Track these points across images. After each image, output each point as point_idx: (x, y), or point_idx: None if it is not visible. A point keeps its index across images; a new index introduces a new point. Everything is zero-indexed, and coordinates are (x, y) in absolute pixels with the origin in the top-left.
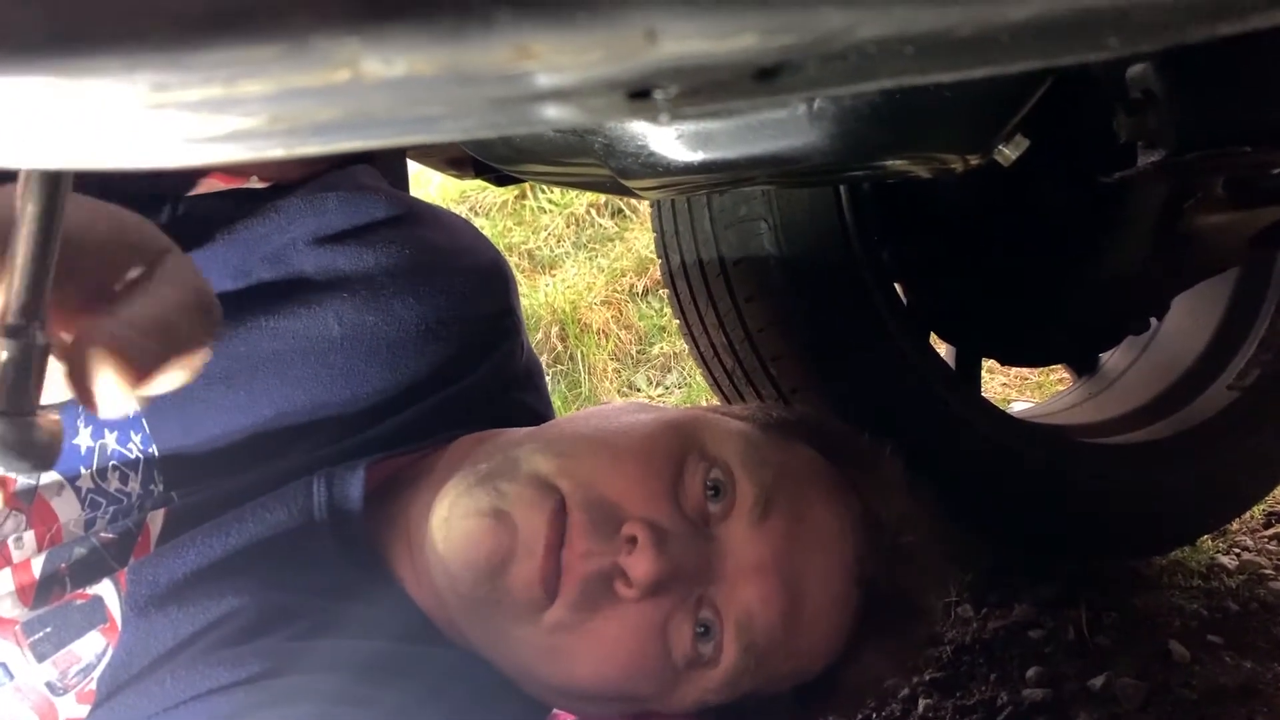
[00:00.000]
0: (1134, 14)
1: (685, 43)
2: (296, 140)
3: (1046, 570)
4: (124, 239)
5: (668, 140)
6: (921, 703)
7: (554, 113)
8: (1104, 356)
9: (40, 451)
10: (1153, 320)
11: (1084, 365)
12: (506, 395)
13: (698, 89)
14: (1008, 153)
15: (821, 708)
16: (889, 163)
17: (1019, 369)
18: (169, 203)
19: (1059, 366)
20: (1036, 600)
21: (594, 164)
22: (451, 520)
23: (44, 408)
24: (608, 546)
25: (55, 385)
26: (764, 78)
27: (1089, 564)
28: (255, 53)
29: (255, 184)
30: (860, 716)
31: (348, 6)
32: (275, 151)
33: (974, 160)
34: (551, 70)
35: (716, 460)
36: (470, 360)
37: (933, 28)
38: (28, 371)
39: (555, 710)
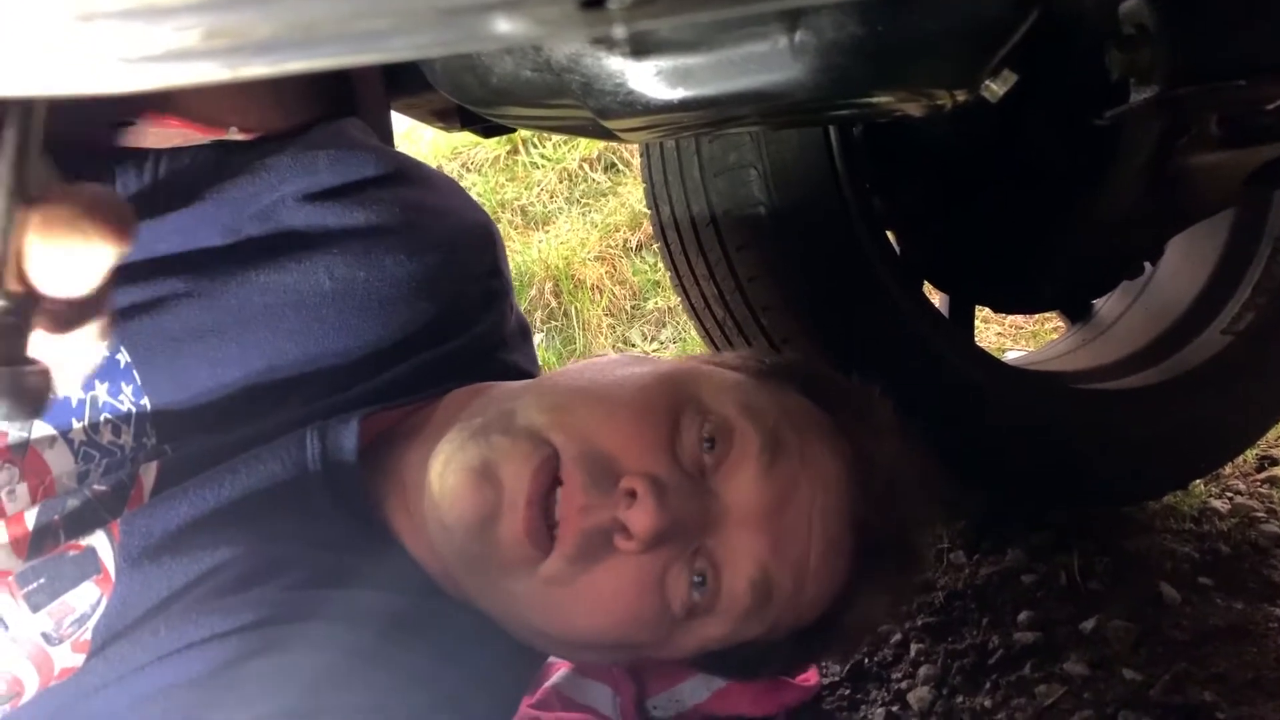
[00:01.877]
0: None
1: None
2: (239, 60)
3: (1039, 517)
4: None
5: (646, 77)
6: (914, 647)
7: (505, 26)
8: (1098, 303)
9: (33, 398)
10: (1147, 265)
11: (1078, 312)
12: (496, 354)
13: None
14: (995, 88)
15: (819, 651)
16: (874, 99)
17: (1013, 318)
18: (151, 158)
19: (1053, 316)
20: (1029, 546)
21: (573, 105)
22: (445, 475)
23: (32, 359)
24: (605, 500)
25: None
26: None
27: (1081, 510)
28: None
29: (235, 135)
30: (853, 660)
31: None
32: (220, 73)
33: (960, 96)
34: None
35: (714, 412)
36: (460, 319)
37: None
38: (18, 323)
39: (551, 659)
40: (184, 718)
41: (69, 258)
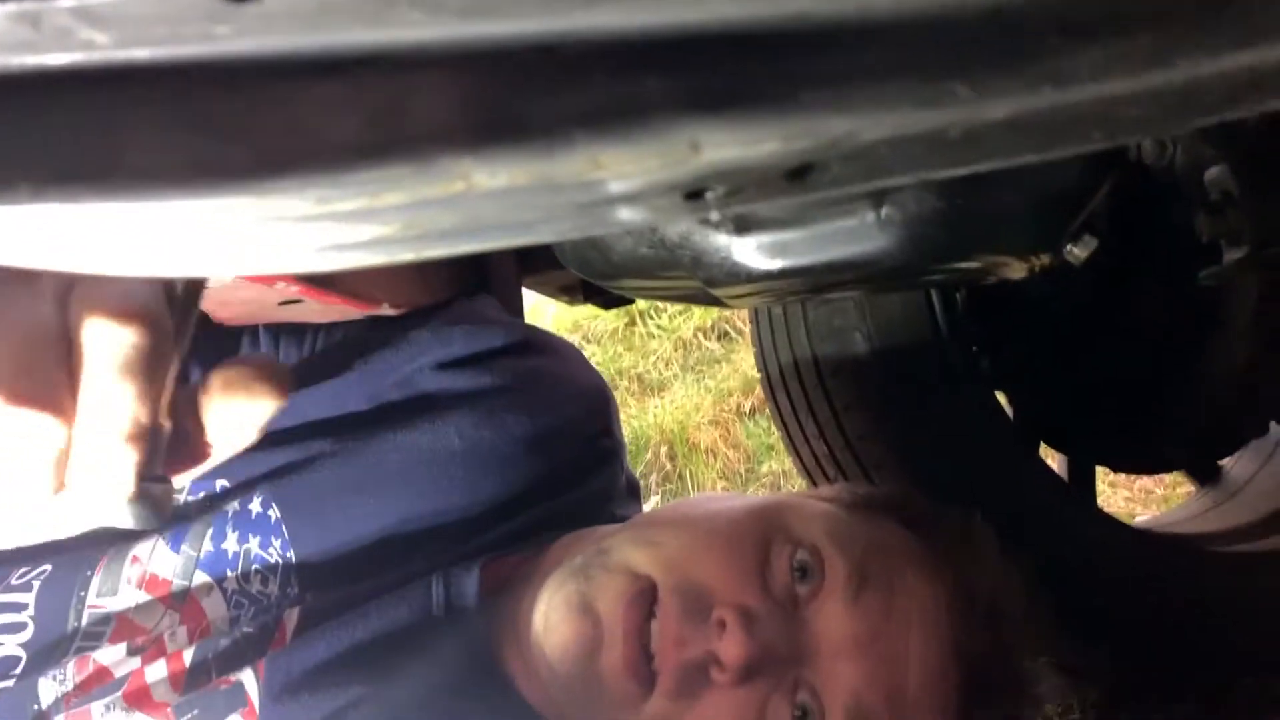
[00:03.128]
0: (1108, 113)
1: (722, 150)
2: (424, 245)
3: (1179, 688)
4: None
5: (748, 250)
6: None
7: (626, 214)
8: (1226, 463)
9: (160, 508)
10: (1274, 425)
11: (1205, 473)
12: (606, 508)
13: (740, 188)
14: (1077, 252)
15: None
16: (959, 265)
17: (1142, 483)
18: (310, 332)
19: (1184, 480)
20: (1168, 717)
21: (684, 276)
22: (548, 614)
23: (161, 475)
24: (700, 633)
25: None
26: (795, 177)
27: (1226, 681)
28: (394, 171)
29: (388, 311)
30: None
31: (464, 134)
32: (406, 255)
33: (1043, 261)
34: (619, 178)
35: (803, 541)
36: (575, 475)
37: (926, 129)
38: (160, 444)
39: None
40: None
41: (241, 412)
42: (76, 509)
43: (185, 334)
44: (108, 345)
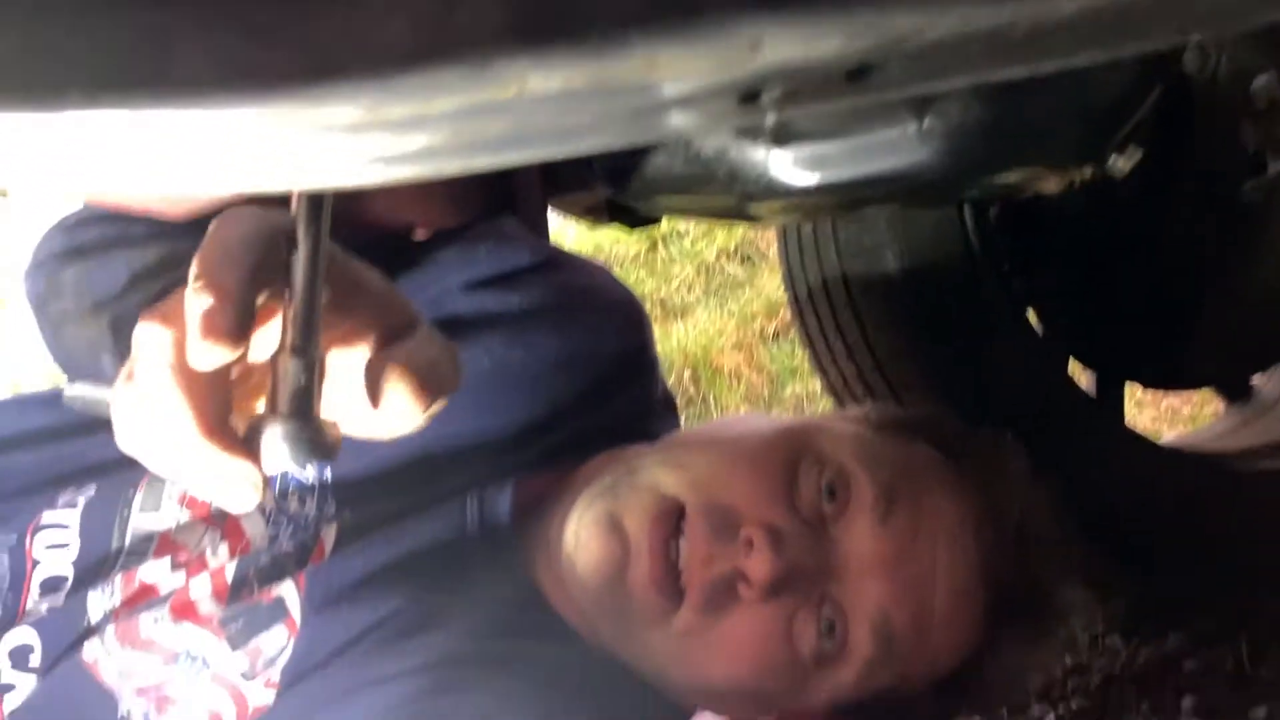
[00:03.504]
0: (1181, 4)
1: (782, 49)
2: (471, 155)
3: (1203, 602)
4: (395, 294)
5: (786, 164)
6: None
7: (678, 119)
8: (1257, 380)
9: (327, 449)
10: None
11: (1236, 391)
12: (641, 424)
13: (797, 90)
14: (1121, 164)
15: (964, 706)
16: (1001, 178)
17: (1169, 402)
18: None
19: (1212, 399)
20: (1191, 632)
21: (719, 191)
22: (578, 532)
23: (323, 417)
24: (728, 550)
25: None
26: (854, 78)
27: (1250, 597)
28: (448, 75)
29: (418, 234)
30: None
31: (518, 35)
32: (452, 166)
33: (1087, 173)
34: (675, 80)
35: (831, 461)
36: (608, 392)
37: (992, 25)
38: (313, 382)
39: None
40: None
41: (415, 404)
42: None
43: (319, 271)
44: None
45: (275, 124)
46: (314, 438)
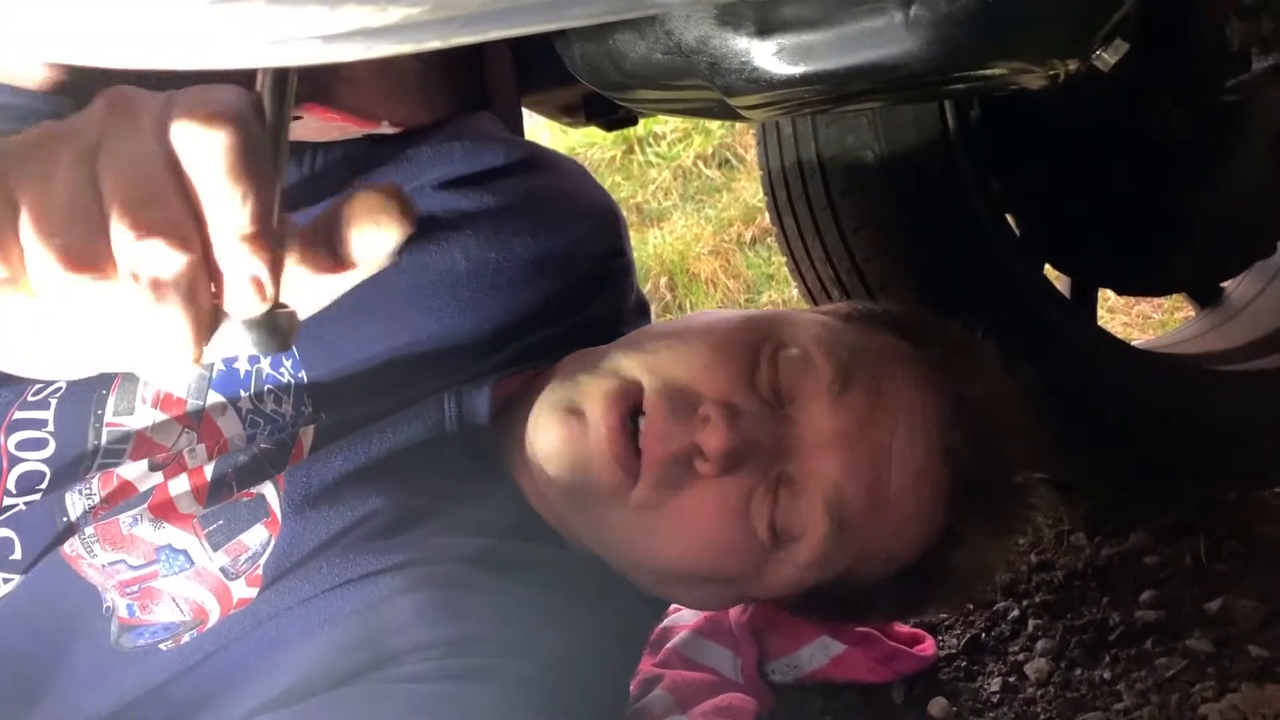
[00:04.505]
0: None
1: None
2: (452, 30)
3: (1164, 500)
4: None
5: (769, 54)
6: (1031, 623)
7: None
8: (1228, 286)
9: (283, 336)
10: None
11: (1207, 295)
12: (615, 328)
13: None
14: (1107, 57)
15: (927, 594)
16: (987, 70)
17: (1140, 308)
18: (309, 151)
19: (1183, 306)
20: (1153, 529)
21: (701, 85)
22: (539, 418)
23: (284, 303)
24: (685, 428)
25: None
26: None
27: (1209, 494)
28: None
29: (387, 129)
30: (969, 635)
31: None
32: (432, 43)
33: (1072, 66)
34: None
35: (790, 346)
36: (583, 295)
37: None
38: (278, 271)
39: (673, 622)
40: (347, 643)
41: (375, 238)
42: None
43: (281, 154)
44: (205, 152)
45: None
46: (281, 324)
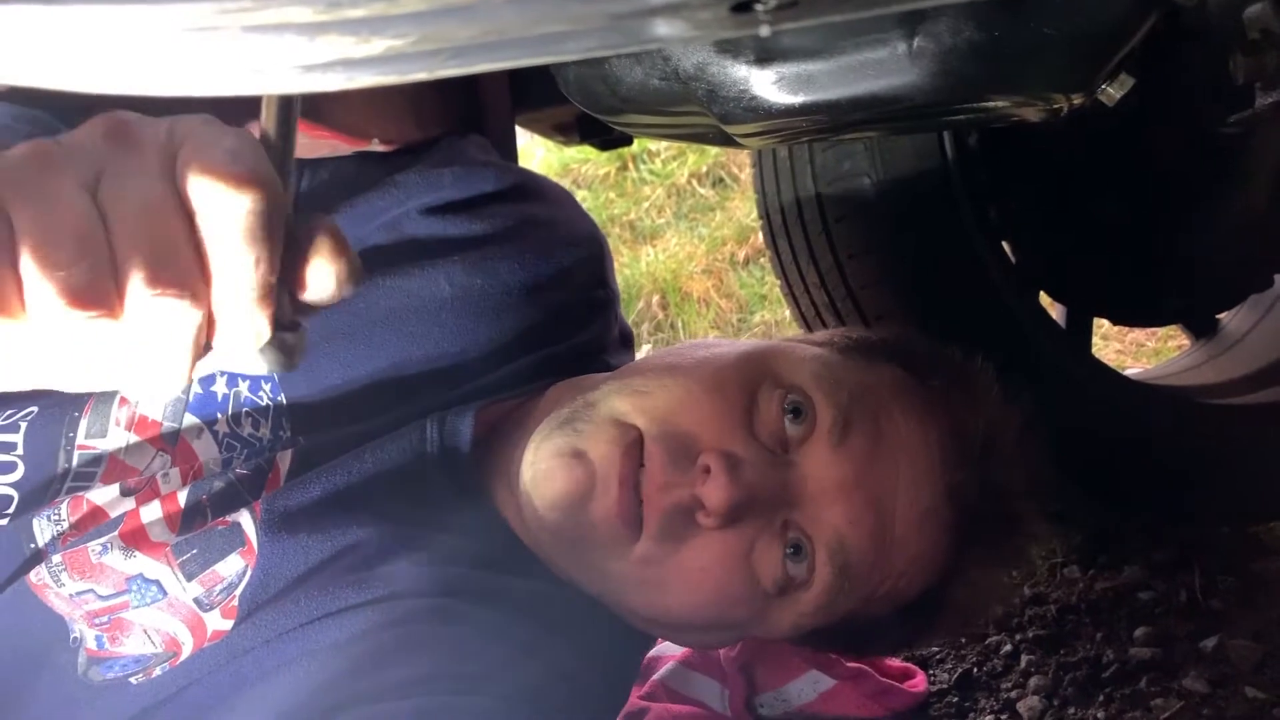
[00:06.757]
0: None
1: None
2: (438, 62)
3: (1160, 534)
4: None
5: (768, 83)
6: (1024, 658)
7: (665, 28)
8: (1224, 318)
9: (291, 354)
10: (1278, 279)
11: (1202, 327)
12: (599, 358)
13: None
14: (1112, 92)
15: (927, 628)
16: (990, 103)
17: (1135, 336)
18: (297, 168)
19: (1177, 335)
20: (1148, 563)
21: (698, 111)
22: (536, 463)
23: (295, 321)
24: (685, 478)
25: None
26: None
27: (1206, 529)
28: None
29: (378, 146)
30: (961, 670)
31: None
32: (418, 74)
33: (1077, 100)
34: None
35: (791, 386)
36: (567, 324)
37: None
38: (284, 292)
39: (659, 653)
40: (324, 679)
41: (345, 272)
42: (208, 364)
43: (289, 185)
44: (230, 215)
45: (225, 21)
46: (288, 342)
